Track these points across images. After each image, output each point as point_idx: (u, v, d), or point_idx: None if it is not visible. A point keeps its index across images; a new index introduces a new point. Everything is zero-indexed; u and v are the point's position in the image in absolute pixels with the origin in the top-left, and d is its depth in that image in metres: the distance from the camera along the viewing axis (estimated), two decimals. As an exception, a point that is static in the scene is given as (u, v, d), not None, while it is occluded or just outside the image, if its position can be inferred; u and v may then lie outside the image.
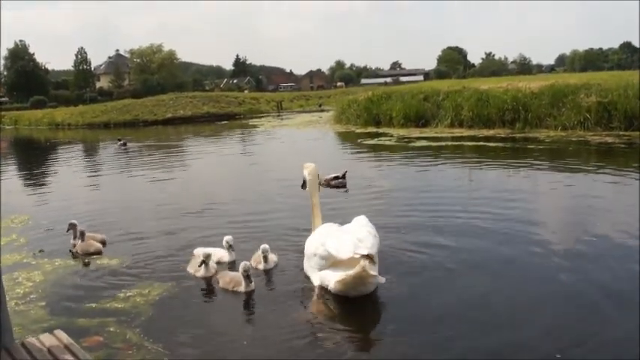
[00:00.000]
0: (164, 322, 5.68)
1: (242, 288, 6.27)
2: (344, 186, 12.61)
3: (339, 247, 6.12)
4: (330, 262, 6.20)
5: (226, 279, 6.51)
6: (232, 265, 7.21)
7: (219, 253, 7.43)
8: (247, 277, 6.25)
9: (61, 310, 6.02)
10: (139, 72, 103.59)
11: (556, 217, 9.21)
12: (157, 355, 4.91)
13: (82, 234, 8.53)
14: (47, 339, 4.43)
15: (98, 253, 8.29)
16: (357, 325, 5.47)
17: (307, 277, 6.59)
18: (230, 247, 7.47)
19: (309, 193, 7.59)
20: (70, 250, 8.48)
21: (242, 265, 6.30)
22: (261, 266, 7.02)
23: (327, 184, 12.38)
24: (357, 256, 5.78)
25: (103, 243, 8.65)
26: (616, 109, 20.24)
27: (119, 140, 27.95)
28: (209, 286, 6.67)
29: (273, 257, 7.18)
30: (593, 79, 24.01)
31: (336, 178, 12.70)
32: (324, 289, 6.21)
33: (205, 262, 6.89)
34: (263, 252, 7.02)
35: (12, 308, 6.00)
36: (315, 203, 7.50)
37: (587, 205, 9.81)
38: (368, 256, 5.75)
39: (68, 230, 8.73)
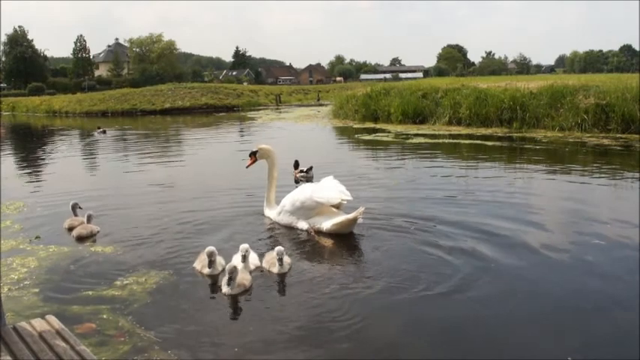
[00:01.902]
0: (159, 310, 5.68)
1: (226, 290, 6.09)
2: (310, 180, 12.83)
3: (328, 196, 8.42)
4: (317, 211, 8.51)
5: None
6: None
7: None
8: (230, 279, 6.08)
9: (54, 297, 6.02)
10: (138, 61, 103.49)
11: (547, 217, 9.21)
12: (149, 342, 4.92)
13: (90, 217, 8.85)
14: (39, 324, 4.45)
15: (93, 236, 8.56)
16: (364, 326, 5.40)
17: (284, 226, 8.80)
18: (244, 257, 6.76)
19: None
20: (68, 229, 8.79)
21: (228, 267, 6.15)
22: (275, 269, 6.68)
23: (295, 178, 13.27)
24: (345, 201, 8.42)
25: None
26: (614, 111, 20.30)
27: (99, 128, 29.31)
28: (202, 275, 6.68)
29: (287, 260, 6.84)
30: (592, 81, 24.10)
31: (301, 171, 13.44)
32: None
33: (212, 260, 6.67)
34: (278, 254, 6.68)
35: (5, 294, 6.01)
36: (274, 177, 9.61)
37: (580, 207, 9.81)
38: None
39: (74, 209, 9.19)
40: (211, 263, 6.67)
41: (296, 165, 13.79)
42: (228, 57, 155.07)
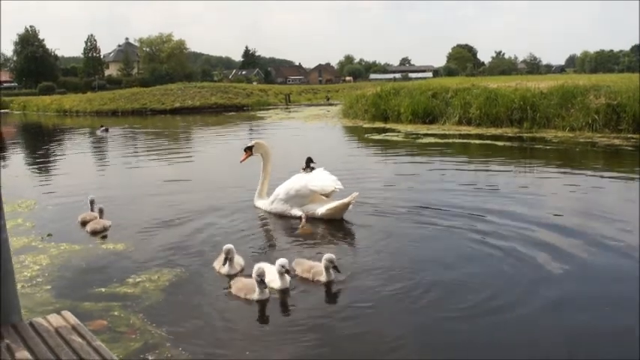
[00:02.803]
0: (171, 308, 5.71)
1: (256, 296, 5.86)
2: None
3: (323, 185, 9.24)
4: (310, 199, 9.28)
5: (239, 284, 6.06)
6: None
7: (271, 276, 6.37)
8: (261, 282, 5.86)
9: (66, 294, 6.06)
10: (147, 61, 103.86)
11: (559, 218, 9.17)
12: (161, 339, 4.94)
13: (101, 211, 9.09)
14: (55, 319, 4.47)
15: (104, 231, 8.78)
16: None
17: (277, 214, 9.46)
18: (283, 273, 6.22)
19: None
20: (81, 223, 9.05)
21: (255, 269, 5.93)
22: (322, 278, 6.31)
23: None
24: (337, 189, 9.22)
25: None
26: (625, 111, 20.16)
27: (101, 126, 29.70)
28: (220, 274, 6.69)
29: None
30: (603, 81, 23.93)
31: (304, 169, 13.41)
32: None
33: (229, 258, 6.59)
34: (329, 262, 6.25)
35: (18, 291, 6.03)
36: (268, 171, 10.28)
37: (592, 207, 9.75)
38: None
39: (92, 204, 9.41)
40: (228, 261, 6.60)
41: (308, 161, 13.77)
42: (237, 56, 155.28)
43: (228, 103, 53.03)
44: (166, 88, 56.53)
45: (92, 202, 9.44)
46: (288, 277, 6.11)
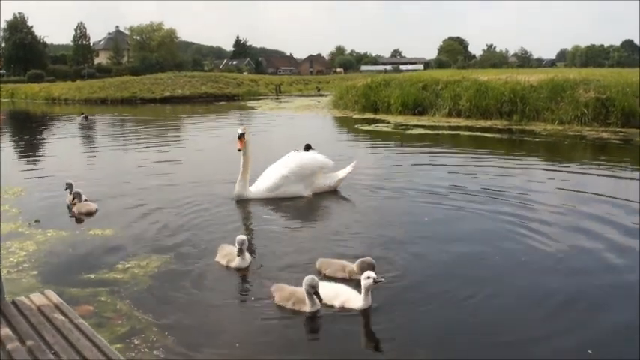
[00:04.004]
0: (159, 294, 5.72)
1: (307, 307, 5.26)
2: None
3: (326, 160, 10.25)
4: (318, 172, 10.13)
5: (284, 294, 5.43)
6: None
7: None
8: (315, 293, 5.21)
9: (53, 279, 6.04)
10: (138, 49, 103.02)
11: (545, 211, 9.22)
12: (147, 324, 4.95)
13: (79, 195, 9.16)
14: (37, 298, 4.49)
15: (92, 214, 8.92)
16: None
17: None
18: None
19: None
20: (68, 207, 9.21)
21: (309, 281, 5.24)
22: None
23: None
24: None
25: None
26: (614, 105, 20.27)
27: (82, 114, 29.85)
28: (207, 260, 6.69)
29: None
30: (593, 75, 24.01)
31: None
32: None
33: (243, 249, 6.35)
34: (367, 266, 5.79)
35: (4, 276, 6.01)
36: (251, 159, 9.81)
37: (579, 201, 9.80)
38: None
39: (66, 189, 9.45)
40: (241, 252, 6.37)
41: (307, 148, 13.88)
42: (228, 46, 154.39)
43: (219, 92, 52.93)
44: (156, 77, 56.27)
45: (70, 187, 9.49)
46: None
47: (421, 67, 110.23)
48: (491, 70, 44.56)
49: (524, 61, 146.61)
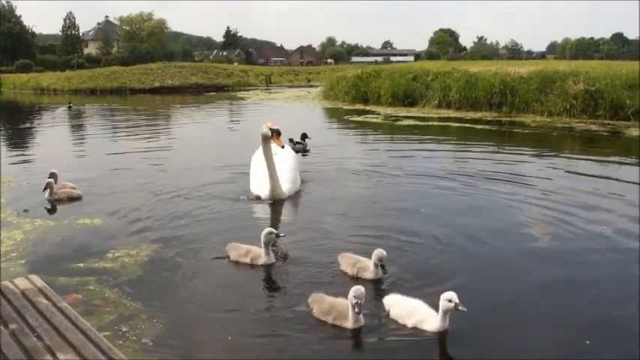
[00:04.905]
0: (148, 282, 5.73)
1: (349, 324, 4.74)
2: (305, 150, 14.13)
3: None
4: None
5: (324, 307, 4.91)
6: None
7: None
8: (355, 305, 4.65)
9: (40, 268, 6.01)
10: (127, 40, 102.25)
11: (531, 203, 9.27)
12: (136, 312, 4.96)
13: (54, 176, 9.32)
14: (21, 283, 4.49)
15: (77, 198, 9.13)
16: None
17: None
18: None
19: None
20: (47, 199, 9.02)
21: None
22: (369, 275, 5.74)
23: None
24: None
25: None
26: (602, 97, 20.31)
27: (69, 103, 31.27)
28: (198, 249, 6.72)
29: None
30: (582, 67, 24.07)
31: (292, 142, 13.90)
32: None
33: (269, 243, 6.12)
34: (379, 259, 5.64)
35: (-9, 265, 6.02)
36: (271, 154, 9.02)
37: (566, 193, 9.84)
38: None
39: (50, 177, 9.25)
40: (268, 248, 6.17)
41: (303, 137, 14.25)
42: (219, 37, 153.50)
43: (209, 83, 52.79)
44: (146, 68, 56.01)
45: (54, 176, 9.41)
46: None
47: (412, 58, 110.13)
48: (481, 61, 44.56)
49: (515, 53, 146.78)
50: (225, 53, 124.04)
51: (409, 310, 4.79)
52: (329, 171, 11.42)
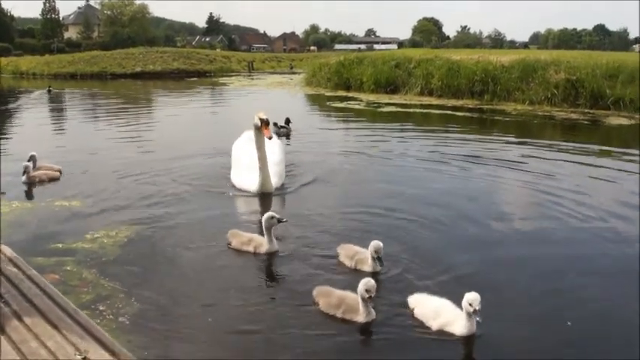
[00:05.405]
0: (127, 263, 5.70)
1: (360, 317, 4.54)
2: (289, 134, 14.26)
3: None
4: None
5: (332, 300, 4.69)
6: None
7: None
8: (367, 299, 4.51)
9: (17, 249, 5.92)
10: (109, 24, 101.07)
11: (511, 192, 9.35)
12: (113, 291, 4.93)
13: (34, 158, 9.28)
14: (-9, 252, 4.48)
15: (55, 179, 9.19)
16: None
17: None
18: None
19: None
20: (24, 182, 8.86)
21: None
22: (367, 267, 5.54)
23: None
24: None
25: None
26: (583, 86, 20.47)
27: (49, 87, 31.16)
28: (178, 230, 6.70)
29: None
30: (563, 57, 24.24)
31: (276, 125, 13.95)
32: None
33: (270, 230, 5.93)
34: (376, 252, 5.44)
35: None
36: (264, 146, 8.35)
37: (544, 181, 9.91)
38: None
39: (29, 160, 9.14)
40: (270, 234, 5.99)
41: (287, 122, 14.29)
42: (201, 23, 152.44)
43: (191, 68, 52.55)
44: (127, 52, 55.56)
45: (33, 159, 9.34)
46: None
47: (395, 46, 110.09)
48: (463, 50, 44.73)
49: (498, 42, 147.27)
50: (207, 39, 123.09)
51: (435, 311, 4.49)
52: (313, 158, 11.34)
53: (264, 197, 8.36)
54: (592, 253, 6.20)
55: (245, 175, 8.67)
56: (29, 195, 8.40)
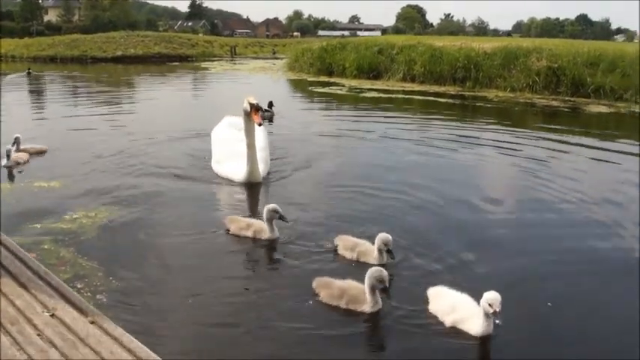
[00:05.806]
0: (105, 243, 5.69)
1: (367, 307, 4.42)
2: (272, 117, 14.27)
3: None
4: None
5: (334, 292, 4.55)
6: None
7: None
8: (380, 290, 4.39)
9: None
10: (89, 8, 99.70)
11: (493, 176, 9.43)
12: (92, 271, 4.92)
13: (18, 140, 9.21)
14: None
15: (43, 151, 9.57)
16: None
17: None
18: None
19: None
20: (4, 165, 8.64)
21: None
22: (373, 259, 5.32)
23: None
24: None
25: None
26: (564, 74, 20.59)
27: (28, 69, 30.99)
28: (157, 210, 6.72)
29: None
30: (545, 45, 24.35)
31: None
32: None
33: (279, 218, 5.78)
34: (385, 244, 5.25)
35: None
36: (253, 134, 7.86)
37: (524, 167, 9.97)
38: None
39: (13, 144, 9.03)
40: (271, 224, 5.87)
41: (270, 105, 14.27)
42: (184, 7, 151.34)
43: (172, 53, 52.16)
44: (108, 36, 54.96)
45: (17, 141, 9.26)
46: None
47: (379, 33, 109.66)
48: (446, 36, 44.73)
49: (481, 31, 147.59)
50: (190, 24, 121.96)
51: (451, 306, 4.29)
52: (297, 141, 11.33)
53: (251, 185, 7.99)
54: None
55: (229, 164, 8.20)
56: (9, 176, 8.30)
